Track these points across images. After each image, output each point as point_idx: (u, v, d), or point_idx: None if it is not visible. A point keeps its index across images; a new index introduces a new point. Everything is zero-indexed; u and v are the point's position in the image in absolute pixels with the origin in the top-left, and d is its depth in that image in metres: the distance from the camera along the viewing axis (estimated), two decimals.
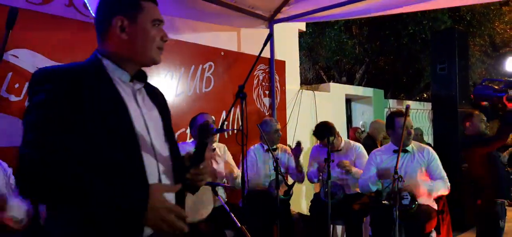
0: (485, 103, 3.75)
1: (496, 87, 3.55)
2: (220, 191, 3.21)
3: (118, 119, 1.30)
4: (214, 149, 3.43)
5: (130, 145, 1.30)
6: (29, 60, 2.84)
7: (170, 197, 1.39)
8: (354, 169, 3.76)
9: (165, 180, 1.39)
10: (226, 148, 3.61)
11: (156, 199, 1.22)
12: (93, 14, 2.99)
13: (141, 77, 1.45)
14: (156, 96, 1.52)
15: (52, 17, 3.00)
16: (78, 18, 3.19)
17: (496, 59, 12.00)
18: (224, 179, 3.53)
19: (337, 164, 3.74)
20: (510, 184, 3.93)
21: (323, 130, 3.83)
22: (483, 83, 3.72)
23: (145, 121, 1.38)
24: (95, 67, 1.36)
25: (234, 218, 2.59)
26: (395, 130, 3.45)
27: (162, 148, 1.42)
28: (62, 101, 1.21)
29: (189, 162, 1.46)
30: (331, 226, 3.92)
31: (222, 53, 4.30)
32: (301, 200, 5.45)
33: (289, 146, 3.91)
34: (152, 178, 1.34)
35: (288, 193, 3.61)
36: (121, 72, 1.38)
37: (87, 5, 3.02)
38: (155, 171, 1.36)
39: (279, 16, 4.59)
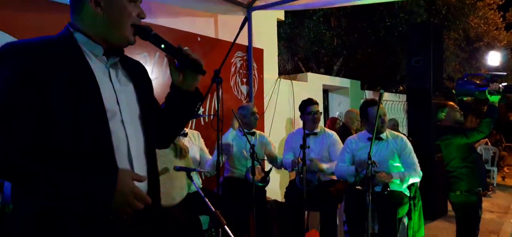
0: (468, 98, 3.71)
1: (477, 82, 3.54)
2: (195, 177, 3.18)
3: (88, 95, 1.24)
4: (187, 134, 3.38)
5: (99, 123, 1.26)
6: None
7: (143, 183, 1.36)
8: (325, 166, 3.78)
9: (136, 160, 1.35)
10: (199, 134, 3.57)
11: (124, 184, 1.21)
12: None
13: (117, 51, 1.39)
14: (133, 70, 1.46)
15: None
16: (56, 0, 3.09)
17: (470, 53, 12.29)
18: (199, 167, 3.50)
19: (309, 164, 3.76)
20: (485, 174, 3.97)
21: (310, 101, 4.02)
22: (465, 79, 3.68)
23: (117, 98, 1.33)
24: (66, 40, 1.30)
25: (208, 202, 2.57)
26: (369, 119, 3.51)
27: (135, 127, 1.38)
28: (28, 77, 1.16)
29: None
30: (306, 212, 3.96)
31: (199, 39, 4.25)
32: (277, 187, 5.47)
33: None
34: (122, 158, 1.31)
35: (265, 180, 3.61)
36: (93, 45, 1.32)
37: None
38: (124, 150, 1.32)
39: (258, 3, 4.56)
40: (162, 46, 1.39)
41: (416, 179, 3.45)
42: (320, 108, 7.04)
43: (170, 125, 1.57)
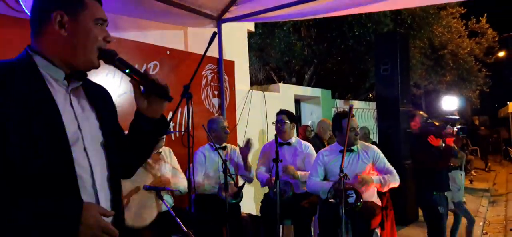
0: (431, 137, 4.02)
1: (437, 123, 3.89)
2: (166, 196, 3.09)
3: (48, 121, 1.19)
4: (160, 152, 3.30)
5: (61, 151, 1.20)
6: None
7: (106, 204, 1.31)
8: (300, 173, 3.79)
9: (101, 189, 1.31)
10: (171, 151, 3.49)
11: (90, 217, 1.16)
12: (26, 10, 2.80)
13: (78, 76, 1.33)
14: (96, 95, 1.41)
15: None
16: (10, 14, 2.96)
17: (435, 60, 12.71)
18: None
19: (283, 170, 3.72)
20: (447, 177, 4.21)
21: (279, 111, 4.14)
22: (428, 120, 4.08)
23: (78, 124, 1.28)
24: (25, 64, 1.24)
25: (180, 222, 2.51)
26: (343, 131, 3.48)
27: (98, 154, 1.33)
28: None
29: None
30: (281, 226, 3.93)
31: (168, 52, 4.17)
32: (251, 200, 5.43)
33: (239, 145, 3.87)
34: (86, 187, 1.26)
35: (238, 196, 3.56)
36: (54, 69, 1.27)
37: (20, 0, 2.81)
38: (89, 179, 1.27)
39: (227, 15, 4.54)
40: (127, 71, 1.34)
41: (395, 184, 3.49)
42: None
43: (134, 154, 1.51)
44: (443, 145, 3.81)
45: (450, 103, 10.34)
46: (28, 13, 2.86)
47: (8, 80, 1.17)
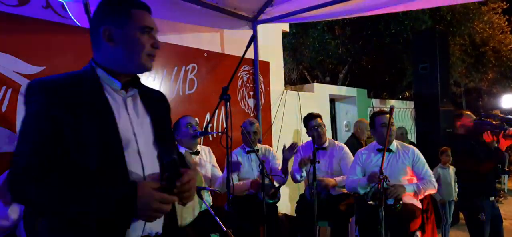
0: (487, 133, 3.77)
1: (494, 122, 3.66)
2: (206, 195, 3.16)
3: (104, 127, 1.32)
4: (199, 152, 3.37)
5: (115, 154, 1.32)
6: (5, 63, 2.74)
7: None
8: (337, 179, 3.75)
9: None
10: (210, 150, 3.56)
11: (145, 192, 1.26)
12: (72, 17, 2.94)
13: (135, 83, 1.46)
14: (151, 100, 1.53)
15: (29, 19, 2.91)
16: (56, 20, 3.11)
17: (476, 57, 12.23)
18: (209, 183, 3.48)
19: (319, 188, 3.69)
20: (494, 182, 3.99)
21: (311, 115, 4.00)
22: (482, 118, 3.82)
23: (133, 128, 1.40)
24: (89, 76, 1.39)
25: (220, 222, 2.56)
26: (376, 128, 3.52)
27: (151, 156, 1.43)
28: (53, 112, 1.25)
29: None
30: (318, 227, 3.91)
31: (205, 54, 4.26)
32: (287, 201, 5.43)
33: (284, 145, 3.82)
34: None
35: (276, 196, 3.57)
36: (111, 80, 1.40)
37: (65, 6, 2.95)
38: (140, 178, 1.37)
39: (262, 17, 4.57)
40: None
41: (432, 191, 3.41)
42: (328, 118, 7.05)
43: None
44: (496, 145, 3.56)
45: (510, 101, 9.61)
46: (75, 20, 2.99)
47: (72, 91, 1.31)
